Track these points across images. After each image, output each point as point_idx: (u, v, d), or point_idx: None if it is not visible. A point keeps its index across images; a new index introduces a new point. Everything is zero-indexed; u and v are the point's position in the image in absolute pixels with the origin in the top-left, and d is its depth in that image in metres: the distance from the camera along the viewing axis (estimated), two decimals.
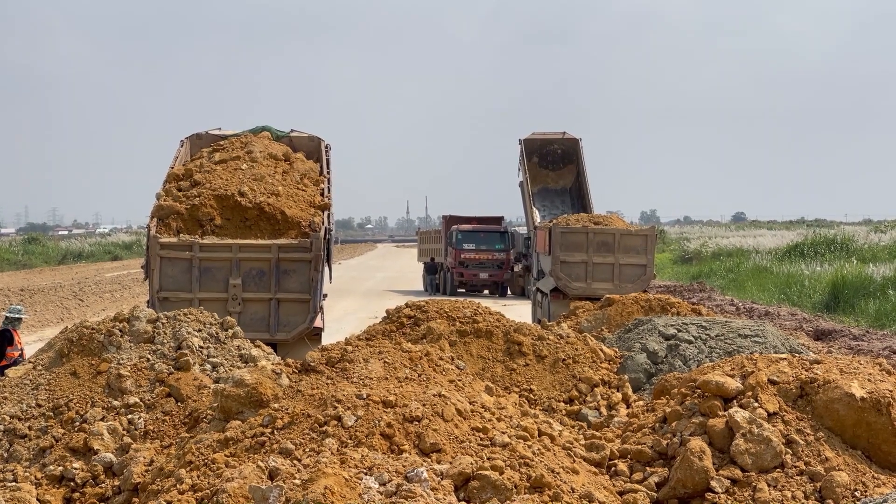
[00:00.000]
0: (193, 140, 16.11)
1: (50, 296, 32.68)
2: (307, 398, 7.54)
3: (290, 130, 16.62)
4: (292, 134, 16.54)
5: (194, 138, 16.13)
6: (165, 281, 13.17)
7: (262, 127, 16.45)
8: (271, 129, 16.42)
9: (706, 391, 8.15)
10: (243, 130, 16.35)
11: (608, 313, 14.91)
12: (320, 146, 16.34)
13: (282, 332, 13.19)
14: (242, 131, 16.30)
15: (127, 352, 9.56)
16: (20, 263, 54.44)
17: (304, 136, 16.57)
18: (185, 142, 15.96)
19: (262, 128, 16.42)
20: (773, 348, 11.56)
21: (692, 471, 7.43)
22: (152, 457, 8.10)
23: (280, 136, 16.38)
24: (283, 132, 16.51)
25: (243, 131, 16.30)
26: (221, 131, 16.37)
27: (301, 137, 16.53)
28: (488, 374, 10.80)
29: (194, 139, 16.12)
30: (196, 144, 16.09)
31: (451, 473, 6.46)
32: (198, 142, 16.13)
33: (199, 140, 16.16)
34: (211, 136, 16.21)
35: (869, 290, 25.71)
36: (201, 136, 16.20)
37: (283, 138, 16.37)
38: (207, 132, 16.30)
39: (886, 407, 7.70)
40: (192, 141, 16.09)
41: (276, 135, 16.36)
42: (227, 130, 16.40)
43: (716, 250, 46.68)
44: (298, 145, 16.35)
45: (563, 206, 25.90)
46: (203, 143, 16.11)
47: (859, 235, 42.71)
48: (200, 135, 16.22)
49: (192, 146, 16.02)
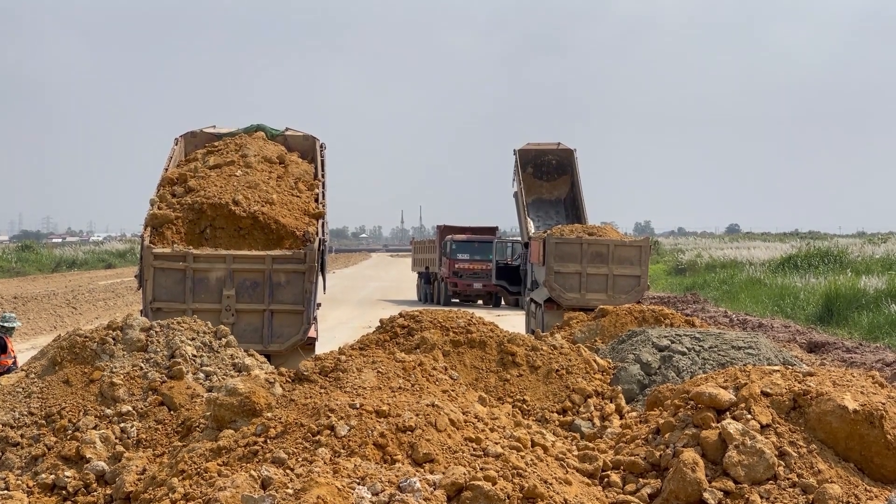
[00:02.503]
0: (188, 138, 16.09)
1: (43, 304, 32.61)
2: (300, 407, 7.54)
3: (285, 129, 16.56)
4: (287, 133, 16.49)
5: (189, 136, 16.11)
6: (159, 291, 13.14)
7: (257, 126, 16.41)
8: (266, 129, 16.39)
9: (699, 403, 8.16)
10: (238, 129, 16.33)
11: (602, 324, 14.91)
12: (315, 145, 16.29)
13: (275, 344, 13.17)
14: (237, 130, 16.27)
15: (120, 360, 9.54)
16: (13, 271, 54.33)
17: (298, 135, 16.52)
18: (180, 140, 15.93)
19: (256, 126, 16.38)
20: (767, 360, 11.57)
21: (685, 482, 7.44)
22: (145, 465, 8.09)
23: (275, 135, 16.34)
24: (278, 131, 16.46)
25: (237, 130, 16.27)
26: (216, 129, 16.34)
27: (296, 136, 16.48)
28: (482, 385, 10.80)
29: (189, 137, 16.10)
30: (191, 143, 16.06)
31: (444, 483, 6.46)
32: (192, 140, 16.10)
33: (194, 138, 16.14)
34: (205, 135, 16.19)
35: (862, 303, 25.76)
36: (196, 135, 16.18)
37: (277, 137, 16.32)
38: (202, 130, 16.26)
39: (879, 419, 7.72)
40: (187, 139, 16.06)
41: (271, 133, 16.32)
42: (222, 128, 16.36)
43: (710, 262, 46.74)
44: (293, 145, 16.31)
45: (557, 217, 25.93)
46: (198, 141, 16.09)
47: (853, 248, 42.80)
48: (195, 133, 16.20)
49: (186, 144, 15.99)
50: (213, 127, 16.42)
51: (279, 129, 16.55)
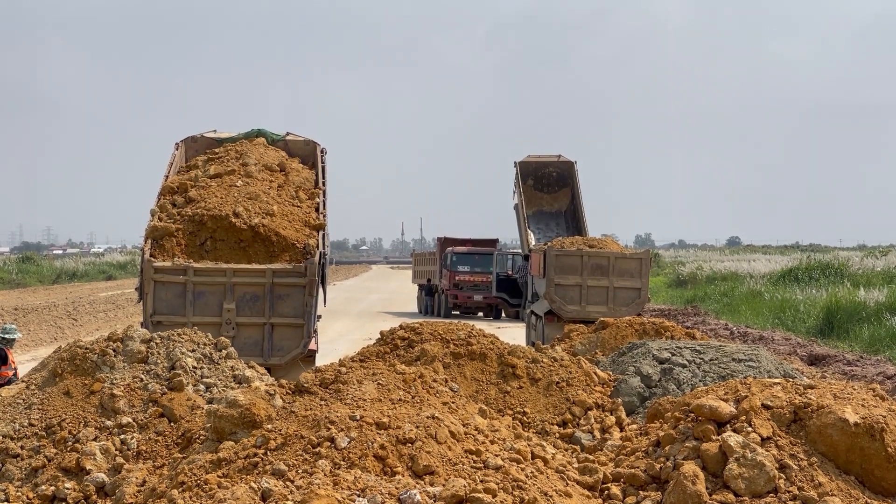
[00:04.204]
0: (189, 143, 16.13)
1: (44, 315, 32.61)
2: (300, 419, 7.53)
3: (286, 134, 16.58)
4: (288, 138, 16.50)
5: (189, 141, 16.16)
6: (159, 305, 13.14)
7: (257, 131, 16.43)
8: (266, 134, 16.41)
9: (700, 415, 8.15)
10: (238, 134, 16.36)
11: (602, 336, 14.91)
12: (316, 150, 16.30)
13: (275, 357, 13.16)
14: (237, 135, 16.31)
15: (120, 372, 9.55)
16: (14, 282, 54.35)
17: (299, 139, 16.52)
18: (181, 145, 15.98)
19: (257, 132, 16.40)
20: (767, 373, 11.57)
21: (685, 495, 7.43)
22: (145, 477, 8.08)
23: (275, 140, 16.35)
24: (279, 136, 16.48)
25: (238, 135, 16.31)
26: (216, 134, 16.38)
27: (297, 141, 16.48)
28: (482, 397, 10.79)
29: (189, 142, 16.15)
30: (191, 147, 16.11)
31: (444, 496, 6.46)
32: (193, 145, 16.15)
33: (195, 143, 16.18)
34: (206, 140, 16.23)
35: (863, 316, 25.74)
36: (196, 139, 16.23)
37: (278, 142, 16.34)
38: (202, 135, 16.32)
39: (880, 433, 7.71)
40: (188, 144, 16.11)
41: (272, 138, 16.34)
42: (223, 133, 16.40)
43: (710, 274, 46.73)
44: (294, 150, 16.32)
45: (557, 229, 25.96)
46: (198, 146, 16.14)
47: (854, 261, 42.78)
48: (195, 137, 16.24)
49: (186, 149, 16.04)
50: (214, 131, 16.46)
51: (280, 133, 16.57)
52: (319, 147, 16.36)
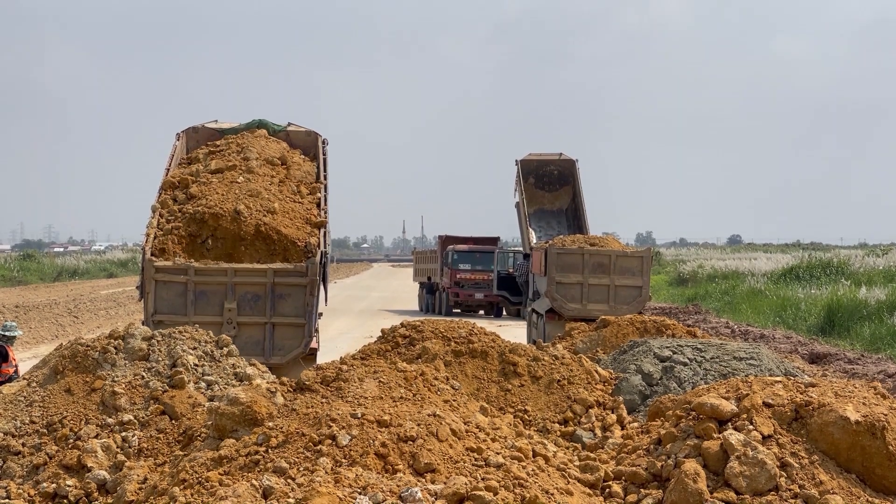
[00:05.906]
0: (190, 134, 16.13)
1: (45, 312, 32.63)
2: (302, 417, 7.54)
3: (288, 124, 16.56)
4: (289, 129, 16.47)
5: (191, 132, 16.16)
6: (160, 304, 13.13)
7: (259, 121, 16.39)
8: (268, 125, 16.38)
9: (701, 413, 8.16)
10: (240, 124, 16.35)
11: (603, 335, 14.92)
12: (318, 142, 16.26)
13: (276, 356, 13.15)
14: (239, 125, 16.30)
15: (121, 369, 9.55)
16: (15, 280, 54.40)
17: (301, 130, 16.49)
18: (182, 136, 15.97)
19: (258, 122, 16.37)
20: (768, 371, 11.57)
21: (686, 493, 7.43)
22: (146, 475, 8.09)
23: (277, 131, 16.33)
24: (280, 126, 16.45)
25: (240, 125, 16.30)
26: (218, 124, 16.37)
27: (298, 132, 16.46)
28: (483, 395, 10.80)
29: (191, 133, 16.15)
30: (192, 138, 16.12)
31: (446, 494, 6.46)
32: (194, 136, 16.16)
33: (196, 134, 16.18)
34: (207, 131, 16.22)
35: (864, 314, 25.73)
36: (197, 130, 16.22)
37: (279, 133, 16.32)
38: (204, 126, 16.31)
39: (881, 431, 7.71)
40: (189, 135, 16.11)
41: (273, 129, 16.33)
42: (224, 124, 16.39)
43: (711, 273, 46.67)
44: (295, 141, 16.30)
45: (559, 228, 25.94)
46: (199, 137, 16.14)
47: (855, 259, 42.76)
48: (197, 128, 16.24)
49: (188, 140, 16.05)
50: (216, 122, 16.44)
51: (281, 124, 16.54)
52: (321, 138, 16.32)
